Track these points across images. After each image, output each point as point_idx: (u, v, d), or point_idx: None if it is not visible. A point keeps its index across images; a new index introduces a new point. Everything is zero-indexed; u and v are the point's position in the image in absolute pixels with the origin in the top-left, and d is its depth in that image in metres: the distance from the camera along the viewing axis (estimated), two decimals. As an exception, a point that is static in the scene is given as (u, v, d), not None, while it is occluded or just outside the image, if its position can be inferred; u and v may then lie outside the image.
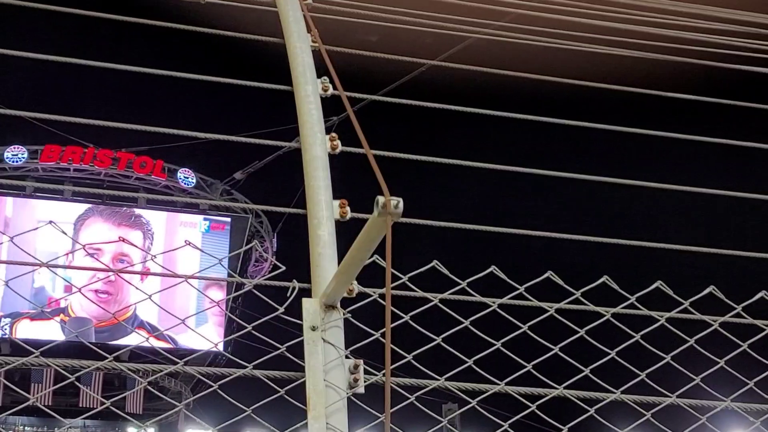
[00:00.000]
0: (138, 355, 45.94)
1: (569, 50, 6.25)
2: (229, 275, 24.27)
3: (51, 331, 50.45)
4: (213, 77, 4.77)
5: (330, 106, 4.06)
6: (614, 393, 4.33)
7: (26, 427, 67.14)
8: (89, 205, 56.28)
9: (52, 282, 51.84)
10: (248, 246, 61.61)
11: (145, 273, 4.64)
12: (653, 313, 4.52)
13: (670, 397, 4.45)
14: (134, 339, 52.00)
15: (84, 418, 63.66)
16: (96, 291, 47.66)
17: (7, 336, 51.63)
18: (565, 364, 4.46)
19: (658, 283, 4.51)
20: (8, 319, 52.34)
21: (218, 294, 45.25)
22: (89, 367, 3.91)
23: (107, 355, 3.98)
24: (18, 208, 55.48)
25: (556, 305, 4.31)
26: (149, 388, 4.38)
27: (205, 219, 62.57)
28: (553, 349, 4.37)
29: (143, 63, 4.66)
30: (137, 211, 57.61)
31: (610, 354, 4.45)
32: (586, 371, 4.38)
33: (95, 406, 52.42)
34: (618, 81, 5.66)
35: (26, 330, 51.11)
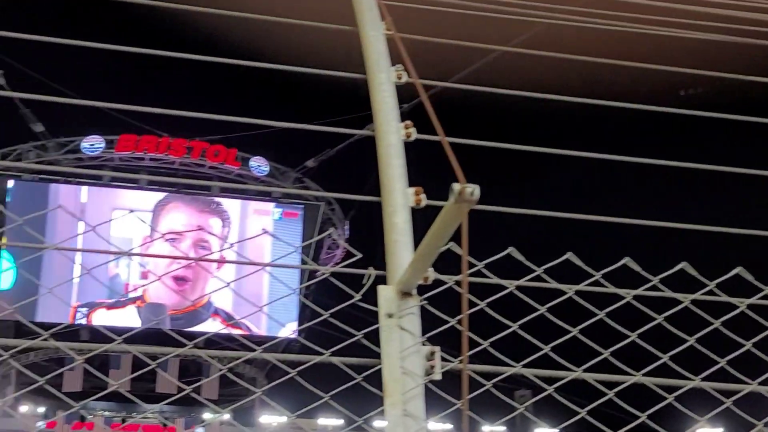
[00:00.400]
0: (212, 341, 46.21)
1: (646, 35, 6.15)
2: (306, 262, 24.35)
3: (127, 319, 51.22)
4: (286, 66, 4.81)
5: (399, 94, 4.06)
6: (694, 380, 4.27)
7: (105, 412, 68.45)
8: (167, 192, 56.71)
9: (128, 269, 52.65)
10: (325, 234, 61.90)
11: (226, 261, 4.67)
12: (733, 300, 4.45)
13: (751, 384, 4.38)
14: (209, 326, 51.94)
15: (163, 404, 64.56)
16: (175, 278, 47.35)
17: (84, 324, 52.51)
18: (643, 351, 4.42)
19: (738, 269, 4.44)
20: (85, 309, 53.05)
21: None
22: (170, 353, 3.98)
23: (186, 341, 4.04)
24: (93, 196, 56.39)
25: (634, 291, 4.26)
26: (227, 373, 4.42)
27: (277, 207, 63.10)
28: (630, 336, 4.32)
29: (215, 53, 4.72)
30: (216, 198, 57.98)
31: (689, 341, 4.39)
32: (665, 358, 4.33)
33: (172, 392, 53.06)
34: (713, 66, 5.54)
35: (102, 319, 51.71)
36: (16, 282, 51.28)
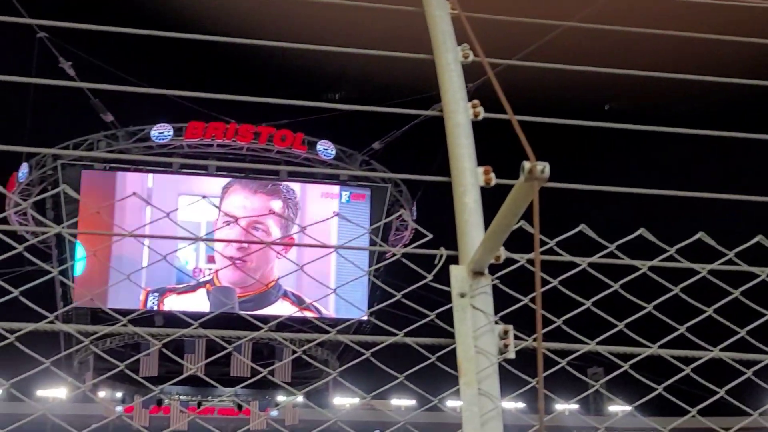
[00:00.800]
0: (283, 325, 46.86)
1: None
2: (376, 244, 24.40)
3: (198, 303, 52.73)
4: (351, 49, 4.82)
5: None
6: (772, 354, 4.21)
7: (181, 396, 69.55)
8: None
9: (196, 253, 53.37)
10: (396, 215, 62.21)
11: (294, 244, 4.67)
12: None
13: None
14: (278, 308, 52.95)
15: (238, 388, 65.65)
16: (231, 258, 47.85)
17: (156, 309, 53.29)
18: (720, 326, 4.37)
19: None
20: (156, 294, 54.35)
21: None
22: (245, 337, 4.04)
23: (261, 325, 4.10)
24: (159, 182, 57.21)
25: (709, 266, 4.21)
26: (302, 355, 4.48)
27: (344, 189, 63.46)
28: (706, 311, 4.28)
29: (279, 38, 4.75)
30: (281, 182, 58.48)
31: (766, 315, 4.33)
32: (742, 333, 4.28)
33: (246, 375, 53.65)
34: None
35: (174, 304, 52.99)
36: (85, 269, 52.18)
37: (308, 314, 47.70)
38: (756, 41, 5.32)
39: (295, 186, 59.83)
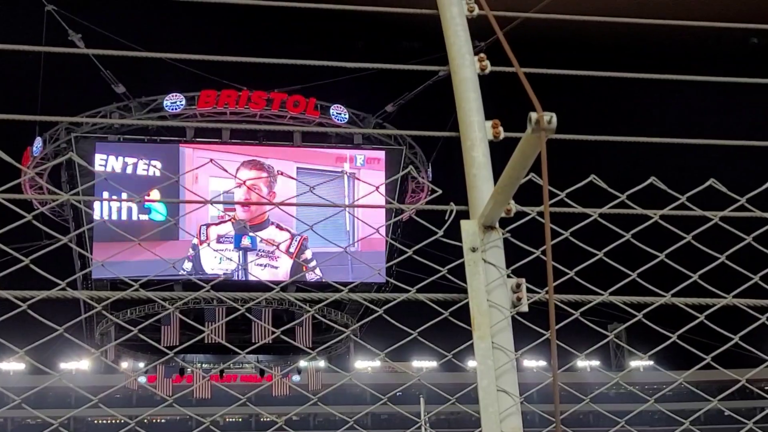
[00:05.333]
0: (301, 289, 47.94)
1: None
2: (388, 202, 24.54)
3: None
4: (355, 6, 4.79)
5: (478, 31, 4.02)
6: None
7: (203, 365, 70.16)
8: (244, 158, 67.02)
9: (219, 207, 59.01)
10: (404, 171, 62.78)
11: (303, 204, 4.69)
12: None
13: None
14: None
15: (256, 353, 66.83)
16: (242, 205, 66.54)
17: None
18: (733, 273, 4.36)
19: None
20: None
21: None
22: (258, 297, 4.05)
23: (274, 286, 4.11)
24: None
25: (720, 213, 4.19)
26: (319, 317, 4.47)
27: (359, 152, 63.87)
28: (719, 258, 4.26)
29: None
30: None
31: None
32: (756, 278, 4.26)
33: (267, 342, 55.59)
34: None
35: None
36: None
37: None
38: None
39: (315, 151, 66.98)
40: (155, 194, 57.91)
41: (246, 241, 67.21)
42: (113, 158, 63.83)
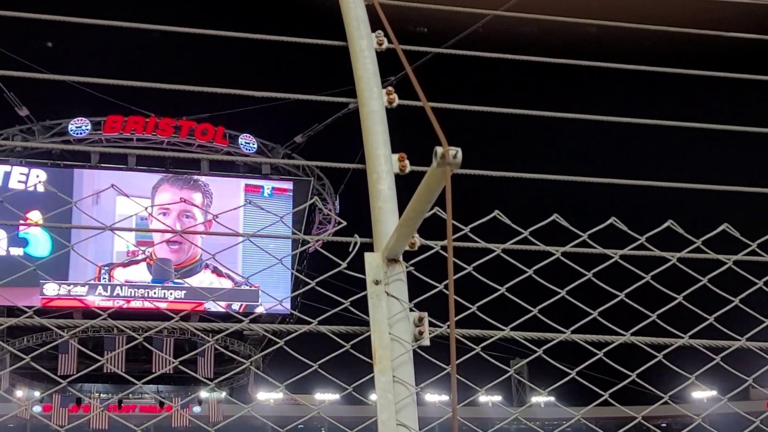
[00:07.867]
0: (205, 320, 47.53)
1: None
2: (294, 233, 24.50)
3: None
4: (270, 36, 4.76)
5: (390, 65, 4.03)
6: (682, 337, 4.27)
7: (101, 394, 68.67)
8: (161, 176, 62.64)
9: (134, 237, 55.95)
10: (310, 201, 62.56)
11: (209, 233, 4.65)
12: (720, 257, 4.44)
13: (740, 340, 4.38)
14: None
15: (156, 383, 65.76)
16: (168, 242, 58.15)
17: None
18: (632, 311, 4.42)
19: (724, 226, 4.43)
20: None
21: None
22: (157, 327, 3.96)
23: (174, 316, 4.02)
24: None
25: (620, 252, 4.25)
26: (220, 348, 4.40)
27: (267, 183, 63.69)
28: (618, 296, 4.31)
29: (196, 24, 4.67)
30: (195, 177, 63.60)
31: (677, 299, 4.38)
32: (653, 317, 4.33)
33: (167, 372, 55.00)
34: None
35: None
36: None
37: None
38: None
39: (221, 180, 64.39)
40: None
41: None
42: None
